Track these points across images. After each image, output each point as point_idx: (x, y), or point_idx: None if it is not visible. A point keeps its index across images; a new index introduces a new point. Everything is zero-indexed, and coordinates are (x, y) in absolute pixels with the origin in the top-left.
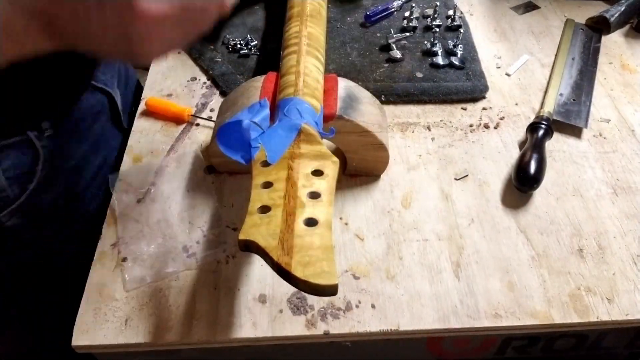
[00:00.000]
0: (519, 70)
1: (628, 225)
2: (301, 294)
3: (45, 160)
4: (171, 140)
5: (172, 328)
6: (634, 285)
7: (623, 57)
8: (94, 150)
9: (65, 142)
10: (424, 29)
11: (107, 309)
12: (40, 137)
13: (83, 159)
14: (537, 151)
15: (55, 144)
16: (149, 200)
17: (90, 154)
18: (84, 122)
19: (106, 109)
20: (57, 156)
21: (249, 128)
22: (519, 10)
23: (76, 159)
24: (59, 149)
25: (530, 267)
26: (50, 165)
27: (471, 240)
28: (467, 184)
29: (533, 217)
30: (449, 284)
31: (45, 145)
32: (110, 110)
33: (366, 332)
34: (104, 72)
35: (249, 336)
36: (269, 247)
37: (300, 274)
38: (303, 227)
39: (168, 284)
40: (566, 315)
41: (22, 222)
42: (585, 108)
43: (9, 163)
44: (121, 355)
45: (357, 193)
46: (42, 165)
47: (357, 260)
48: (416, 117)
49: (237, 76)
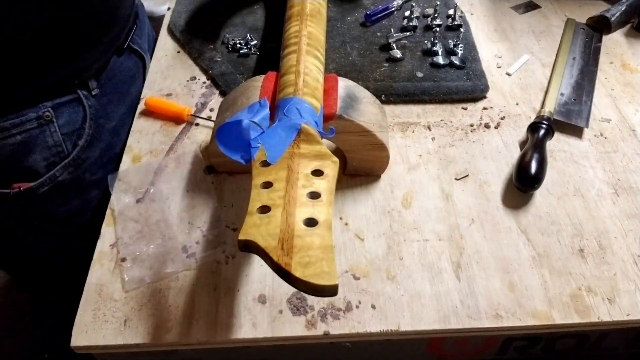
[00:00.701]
0: (519, 69)
1: (629, 225)
2: (301, 294)
3: (91, 119)
4: (171, 140)
5: (172, 328)
6: (635, 286)
7: (624, 56)
8: (131, 111)
9: (108, 102)
10: (425, 28)
11: (106, 310)
12: (88, 96)
13: (121, 120)
14: (538, 151)
15: (100, 104)
16: (148, 200)
17: (127, 116)
18: (123, 84)
19: (140, 73)
20: (102, 115)
21: (248, 128)
22: (520, 9)
23: (116, 119)
24: (103, 109)
25: (531, 267)
26: (95, 124)
27: (472, 241)
28: (468, 184)
29: (534, 217)
30: (450, 284)
31: (92, 104)
32: (144, 73)
33: (366, 332)
34: (139, 35)
35: (249, 336)
36: (268, 248)
37: (300, 274)
38: (303, 227)
39: (167, 284)
40: (567, 315)
41: (70, 178)
42: (586, 108)
43: (64, 120)
44: (120, 355)
45: (357, 193)
46: (89, 123)
47: (357, 261)
48: (416, 117)
49: (237, 76)
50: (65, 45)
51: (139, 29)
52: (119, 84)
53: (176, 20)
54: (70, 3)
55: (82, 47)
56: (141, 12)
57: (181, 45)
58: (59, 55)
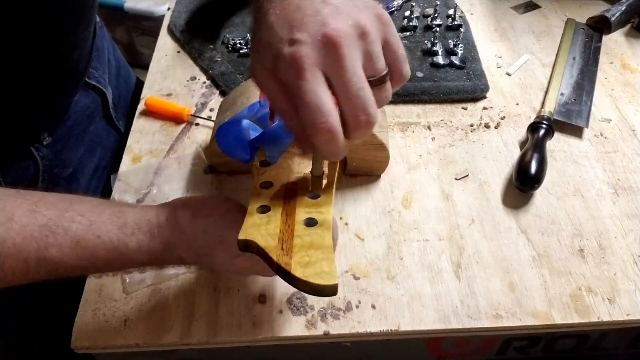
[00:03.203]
0: (519, 69)
1: (629, 225)
2: (301, 294)
3: (45, 171)
4: (171, 140)
5: (172, 328)
6: (635, 286)
7: (624, 56)
8: (90, 153)
9: (63, 147)
10: (425, 28)
11: (106, 310)
12: (39, 147)
13: (79, 164)
14: (538, 151)
15: (53, 152)
16: (149, 201)
17: (86, 158)
18: (79, 125)
19: (100, 108)
20: (55, 165)
21: (248, 128)
22: (520, 9)
23: (73, 165)
24: (56, 157)
25: (531, 267)
26: (50, 175)
27: (472, 241)
28: (468, 184)
29: (534, 217)
30: (450, 284)
31: (44, 155)
32: (104, 108)
33: (366, 332)
34: (96, 68)
35: (249, 337)
36: (268, 247)
37: (300, 274)
38: (303, 227)
39: (167, 284)
40: (567, 315)
41: None
42: (586, 108)
43: (11, 178)
44: (120, 355)
45: (357, 193)
46: (42, 176)
47: (357, 261)
48: (416, 117)
49: (237, 76)
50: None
51: (97, 60)
52: (74, 125)
53: (176, 20)
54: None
55: (26, 109)
56: (99, 37)
57: (181, 45)
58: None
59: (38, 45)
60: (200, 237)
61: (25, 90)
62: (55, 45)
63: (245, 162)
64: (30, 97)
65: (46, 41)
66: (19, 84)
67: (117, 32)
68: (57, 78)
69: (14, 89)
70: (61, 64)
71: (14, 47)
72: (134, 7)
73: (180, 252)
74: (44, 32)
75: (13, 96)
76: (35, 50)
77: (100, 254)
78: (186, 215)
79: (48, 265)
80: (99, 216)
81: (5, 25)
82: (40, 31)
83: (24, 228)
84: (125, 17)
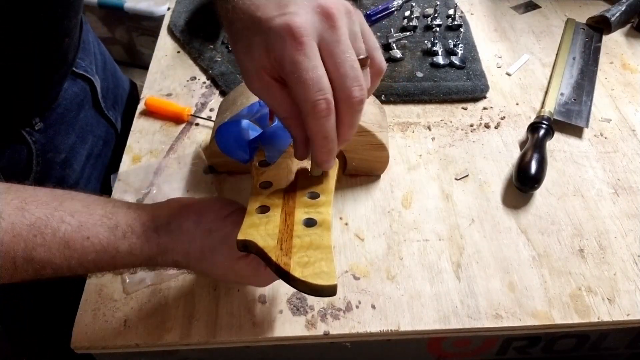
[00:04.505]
0: (519, 69)
1: (629, 225)
2: (301, 294)
3: (38, 155)
4: (171, 140)
5: (172, 328)
6: (635, 286)
7: (624, 56)
8: (82, 140)
9: (55, 133)
10: (425, 28)
11: (106, 310)
12: (31, 132)
13: (72, 151)
14: (538, 151)
15: (46, 138)
16: (149, 201)
17: (78, 144)
18: (70, 112)
19: (89, 97)
20: (49, 150)
21: (248, 128)
22: (520, 9)
23: (65, 151)
24: (49, 142)
25: (531, 267)
26: (43, 159)
27: (472, 241)
28: (468, 184)
29: (534, 217)
30: (450, 284)
31: (36, 140)
32: (93, 97)
33: (366, 332)
34: (83, 59)
35: (249, 337)
36: (267, 247)
37: (299, 274)
38: (302, 227)
39: (167, 284)
40: (567, 315)
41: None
42: (586, 108)
43: (5, 162)
44: (120, 355)
45: (357, 193)
46: (36, 160)
47: (357, 261)
48: (416, 117)
49: (237, 76)
50: (11, 89)
51: (84, 51)
52: (64, 112)
53: (176, 20)
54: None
55: (17, 95)
56: (85, 30)
57: (181, 45)
58: (2, 99)
59: (32, 32)
60: (202, 241)
61: (17, 74)
62: (49, 31)
63: (244, 162)
64: (22, 82)
65: (40, 28)
66: (11, 68)
67: (117, 32)
68: (49, 64)
69: (6, 73)
70: (52, 52)
71: (9, 34)
72: (134, 7)
73: (177, 256)
74: (38, 19)
75: (5, 80)
76: (29, 36)
77: (90, 256)
78: (191, 220)
79: (36, 265)
80: (89, 217)
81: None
82: (35, 18)
83: (12, 226)
84: (125, 17)
